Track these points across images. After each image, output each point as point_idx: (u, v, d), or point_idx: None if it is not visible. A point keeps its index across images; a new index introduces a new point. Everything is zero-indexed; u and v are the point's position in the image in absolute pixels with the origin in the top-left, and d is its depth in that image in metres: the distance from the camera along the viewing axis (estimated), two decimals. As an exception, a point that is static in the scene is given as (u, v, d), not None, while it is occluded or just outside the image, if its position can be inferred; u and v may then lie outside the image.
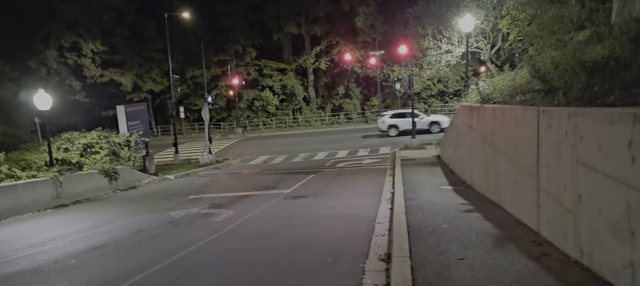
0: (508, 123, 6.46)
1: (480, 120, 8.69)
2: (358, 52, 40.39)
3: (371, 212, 8.09)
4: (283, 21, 40.14)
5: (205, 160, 23.22)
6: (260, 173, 18.52)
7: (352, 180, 13.79)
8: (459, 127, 11.89)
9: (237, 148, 31.98)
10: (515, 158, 6.07)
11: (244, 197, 11.46)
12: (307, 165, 20.33)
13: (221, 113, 44.84)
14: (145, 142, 17.92)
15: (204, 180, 16.59)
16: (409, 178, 12.03)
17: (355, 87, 43.64)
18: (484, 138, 8.36)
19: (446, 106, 40.71)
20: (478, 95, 9.61)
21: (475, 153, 9.36)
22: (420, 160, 17.10)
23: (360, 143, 26.99)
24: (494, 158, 7.44)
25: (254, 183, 14.82)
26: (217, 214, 8.94)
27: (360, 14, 37.17)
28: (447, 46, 18.35)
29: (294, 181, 14.37)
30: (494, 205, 7.29)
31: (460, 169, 11.63)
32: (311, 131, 39.37)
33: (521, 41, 13.37)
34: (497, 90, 8.89)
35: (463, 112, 11.11)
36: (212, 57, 41.50)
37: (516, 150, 6.03)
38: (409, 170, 14.06)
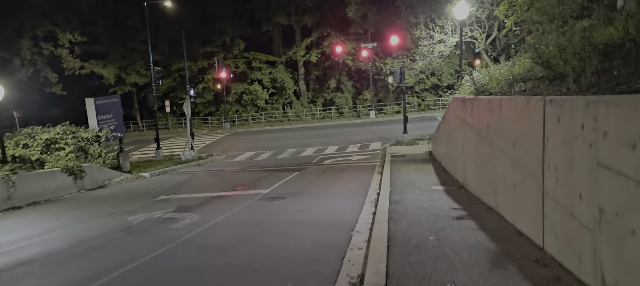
0: (506, 117, 5.58)
1: (475, 113, 7.81)
2: (350, 44, 39.40)
3: (351, 217, 7.20)
4: (272, 11, 38.97)
5: (186, 156, 22.22)
6: (242, 170, 17.62)
7: (337, 178, 12.91)
8: (451, 121, 11.02)
9: (223, 143, 31.05)
10: (515, 157, 5.19)
11: (216, 198, 10.53)
12: (293, 161, 19.50)
13: (209, 107, 43.71)
14: (119, 137, 16.88)
15: (180, 178, 15.64)
16: (398, 177, 11.18)
17: (347, 81, 42.70)
18: (478, 134, 7.49)
19: (440, 100, 39.92)
20: (472, 86, 8.73)
21: (468, 150, 8.49)
22: (411, 157, 16.30)
23: (351, 138, 26.16)
24: (490, 156, 6.57)
25: (233, 181, 13.91)
26: (180, 219, 8.00)
27: (351, 4, 36.12)
28: (440, 35, 17.43)
29: (275, 179, 13.49)
30: (489, 210, 6.42)
31: (453, 167, 10.77)
32: (301, 126, 38.47)
33: (519, 28, 12.53)
34: (493, 80, 8.01)
35: (456, 104, 10.23)
36: (198, 49, 40.31)
37: (516, 148, 5.15)
38: (398, 168, 13.24)
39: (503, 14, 12.24)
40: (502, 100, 5.82)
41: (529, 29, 11.56)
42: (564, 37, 5.88)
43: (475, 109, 7.81)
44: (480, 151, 7.34)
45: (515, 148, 5.18)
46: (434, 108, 39.86)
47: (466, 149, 8.73)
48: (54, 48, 32.47)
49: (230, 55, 41.57)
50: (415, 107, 39.81)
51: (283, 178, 13.82)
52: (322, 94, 43.19)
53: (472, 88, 8.86)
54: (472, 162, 8.11)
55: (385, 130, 28.57)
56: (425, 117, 35.57)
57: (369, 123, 34.96)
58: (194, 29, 40.88)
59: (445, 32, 17.22)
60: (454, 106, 10.69)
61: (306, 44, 40.89)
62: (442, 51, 17.80)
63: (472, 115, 8.07)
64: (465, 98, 8.84)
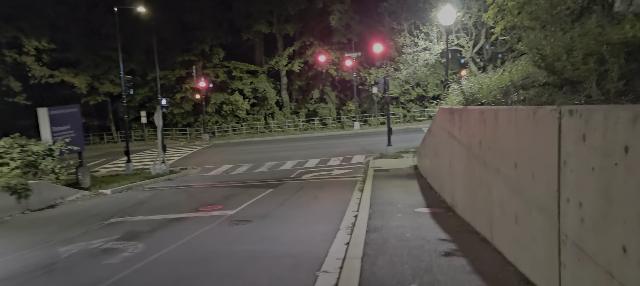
0: (504, 131, 4.59)
1: (464, 126, 6.84)
2: (333, 54, 38.60)
3: (321, 249, 6.11)
4: (253, 19, 37.96)
5: (157, 170, 20.86)
6: (213, 186, 16.42)
7: (314, 197, 11.82)
8: (437, 134, 10.07)
9: (200, 156, 29.75)
10: (517, 183, 4.19)
11: (174, 221, 9.33)
12: (270, 176, 18.38)
13: (187, 118, 42.27)
14: (79, 151, 15.50)
15: (144, 196, 14.35)
16: (379, 196, 10.16)
17: (331, 91, 41.83)
18: (468, 150, 6.51)
19: (426, 111, 39.30)
20: (461, 95, 7.79)
21: (457, 168, 7.50)
22: (395, 172, 15.35)
23: (333, 150, 25.15)
24: (483, 177, 5.57)
25: (200, 200, 12.70)
26: (119, 251, 6.80)
27: (334, 13, 35.38)
28: (425, 43, 16.60)
29: (246, 197, 12.35)
30: (483, 242, 5.41)
31: (440, 185, 9.79)
32: (283, 137, 37.40)
33: (508, 35, 11.74)
34: (484, 88, 7.05)
35: (442, 116, 9.29)
36: (176, 57, 38.98)
37: (518, 171, 4.15)
38: (381, 185, 12.25)
39: (492, 19, 11.44)
40: (498, 112, 4.83)
41: (519, 36, 10.71)
42: (568, 35, 4.96)
43: (464, 122, 6.84)
44: (471, 170, 6.35)
45: (517, 172, 4.18)
46: (419, 119, 39.21)
47: (454, 166, 7.75)
48: (18, 55, 30.71)
49: (210, 65, 40.35)
50: (401, 118, 39.11)
51: (255, 195, 12.70)
52: (305, 105, 42.20)
53: (461, 98, 7.92)
54: (462, 181, 7.12)
55: (369, 142, 27.73)
56: (411, 128, 34.86)
57: (352, 135, 34.07)
58: (172, 37, 39.62)
59: (431, 40, 16.40)
60: (440, 118, 9.75)
61: (288, 53, 39.95)
62: (427, 59, 16.97)
63: (461, 128, 7.11)
64: (453, 109, 7.90)
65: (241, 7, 37.60)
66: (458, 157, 7.40)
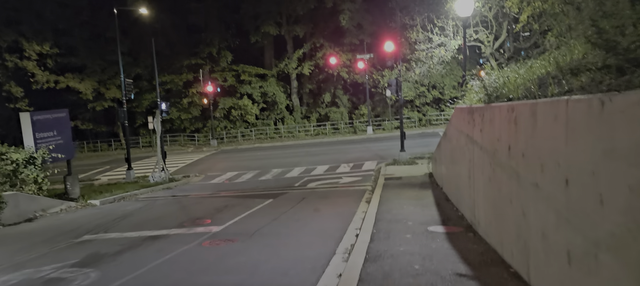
0: (546, 133, 3.32)
1: (487, 128, 5.56)
2: (344, 56, 37.38)
3: (306, 284, 4.88)
4: (261, 21, 37.03)
5: (155, 178, 19.96)
6: (211, 196, 15.40)
7: (315, 210, 10.62)
8: (454, 138, 8.77)
9: (206, 162, 28.87)
10: (570, 207, 2.91)
11: (149, 241, 8.24)
12: (274, 184, 17.30)
13: (195, 123, 41.56)
14: (67, 159, 14.64)
15: (134, 207, 13.38)
16: (387, 209, 8.90)
17: (343, 95, 40.60)
18: (492, 157, 5.22)
19: (442, 115, 37.72)
20: (482, 91, 6.49)
21: (478, 179, 6.21)
22: (407, 180, 14.05)
23: (344, 156, 23.94)
24: (514, 194, 4.29)
25: (191, 212, 11.65)
26: (65, 282, 5.70)
27: (344, 12, 34.18)
28: (440, 38, 15.23)
29: (241, 209, 11.26)
30: (516, 279, 4.12)
31: (457, 196, 8.48)
32: (293, 143, 36.31)
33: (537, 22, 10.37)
34: (510, 82, 5.74)
35: (459, 117, 7.99)
36: (183, 61, 38.32)
37: (572, 190, 2.87)
38: (390, 195, 10.98)
39: (516, 7, 10.08)
40: (537, 106, 3.55)
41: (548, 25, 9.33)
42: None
43: (487, 122, 5.56)
44: (497, 183, 5.06)
45: (570, 191, 2.90)
46: (435, 123, 37.67)
47: (475, 176, 6.46)
48: (19, 60, 30.36)
49: (218, 68, 39.60)
50: (416, 122, 37.63)
51: (251, 207, 11.60)
52: (317, 109, 41.05)
53: (482, 95, 6.61)
54: (485, 195, 5.82)
55: (382, 148, 26.46)
56: (427, 132, 33.41)
57: (365, 140, 32.79)
58: (179, 40, 39.04)
59: (446, 34, 15.03)
60: (456, 119, 8.44)
61: (298, 55, 38.90)
62: (442, 56, 15.58)
63: (483, 130, 5.82)
64: (473, 107, 6.61)
65: (248, 9, 36.74)
66: (479, 166, 6.10)
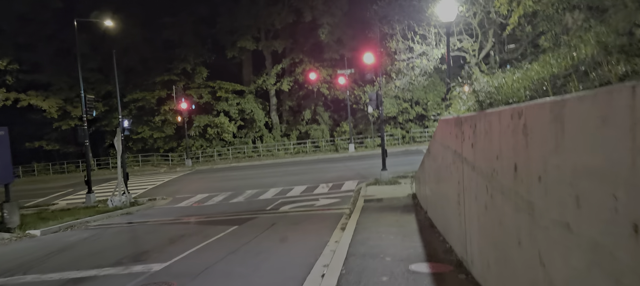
0: (584, 145, 2.10)
1: (480, 141, 4.37)
2: (325, 71, 36.45)
3: None
4: (238, 35, 35.92)
5: (114, 203, 18.32)
6: (171, 222, 13.96)
7: (282, 240, 9.29)
8: (439, 154, 7.58)
9: (177, 184, 27.26)
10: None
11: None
12: (244, 208, 15.94)
13: (169, 142, 39.86)
14: (5, 184, 13.00)
15: (77, 238, 11.82)
16: (363, 239, 7.64)
17: (324, 111, 39.55)
18: (490, 179, 4.01)
19: (426, 131, 36.92)
20: (472, 98, 5.35)
21: (470, 204, 5.00)
22: (389, 202, 12.87)
23: (323, 176, 22.71)
24: (524, 232, 3.07)
25: (138, 245, 10.22)
26: None
27: (324, 26, 33.34)
28: (422, 47, 14.25)
29: (197, 240, 9.88)
30: None
31: (444, 223, 7.27)
32: (272, 162, 34.96)
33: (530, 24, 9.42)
34: (507, 86, 4.59)
35: (445, 130, 6.82)
36: (156, 77, 36.83)
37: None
38: (368, 221, 9.76)
39: (505, 7, 9.10)
40: (566, 105, 2.34)
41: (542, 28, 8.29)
42: None
43: (480, 135, 4.37)
44: (496, 213, 3.84)
45: None
46: (419, 140, 36.81)
47: (466, 202, 5.25)
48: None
49: (193, 85, 38.20)
50: (399, 140, 36.71)
51: (211, 236, 10.23)
52: (297, 126, 39.85)
53: (472, 102, 5.46)
54: (480, 228, 4.60)
55: (364, 166, 25.33)
56: (410, 150, 32.46)
57: (347, 158, 31.62)
58: (153, 55, 37.60)
59: (428, 43, 14.05)
60: (441, 132, 7.27)
61: (277, 71, 37.81)
62: (424, 66, 14.57)
63: (475, 145, 4.63)
64: (461, 118, 5.43)
65: (225, 23, 35.62)
66: (471, 189, 4.90)
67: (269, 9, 34.53)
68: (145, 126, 38.50)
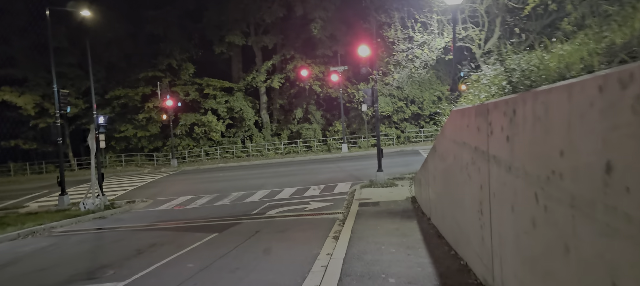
0: None
1: (523, 133, 3.20)
2: (317, 68, 35.26)
3: None
4: (226, 30, 34.56)
5: (87, 206, 16.98)
6: (145, 228, 12.75)
7: (264, 252, 8.11)
8: (449, 153, 6.42)
9: (160, 185, 25.93)
10: None
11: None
12: (229, 211, 14.78)
13: (154, 142, 38.39)
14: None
15: (34, 248, 10.57)
16: (360, 253, 6.50)
17: (316, 110, 38.35)
18: (543, 186, 2.84)
19: (422, 131, 35.90)
20: (499, 81, 4.19)
21: (502, 216, 3.84)
22: (386, 206, 11.77)
23: (315, 177, 21.59)
24: (623, 265, 1.89)
25: (99, 257, 8.99)
26: None
27: (316, 21, 32.14)
28: (423, 36, 13.08)
29: (169, 250, 8.72)
30: None
31: (455, 234, 6.14)
32: (261, 162, 33.74)
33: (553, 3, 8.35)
34: (556, 59, 3.42)
35: (460, 123, 5.66)
36: (139, 73, 35.36)
37: None
38: (365, 229, 8.64)
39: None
40: None
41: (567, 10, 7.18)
42: None
43: (524, 123, 3.20)
44: (557, 233, 2.67)
45: None
46: (415, 140, 35.78)
47: (494, 212, 4.10)
48: None
49: (179, 82, 36.80)
50: (394, 140, 35.65)
51: (185, 246, 9.05)
52: (288, 126, 38.61)
53: (497, 86, 4.29)
54: (521, 247, 3.44)
55: (357, 167, 24.32)
56: (406, 150, 31.45)
57: (339, 159, 30.52)
58: (136, 51, 36.12)
59: (431, 31, 12.88)
60: (454, 127, 6.10)
61: (267, 67, 36.53)
62: (426, 58, 13.39)
63: (513, 138, 3.46)
64: (487, 105, 4.27)
65: (212, 17, 34.25)
66: (505, 196, 3.74)
67: (259, 3, 33.29)
68: (129, 124, 37.02)
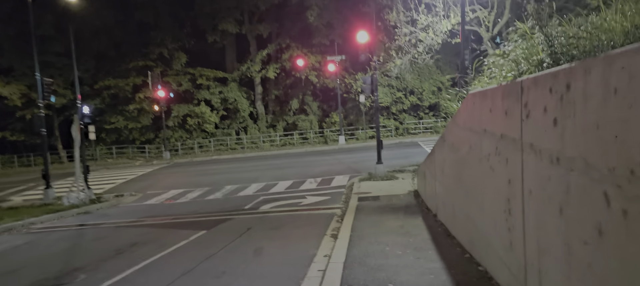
0: None
1: (586, 115, 2.43)
2: (313, 58, 34.36)
3: None
4: (219, 18, 33.56)
5: (71, 200, 16.16)
6: (129, 225, 12.00)
7: (255, 253, 7.37)
8: (464, 142, 5.65)
9: (151, 178, 25.13)
10: None
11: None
12: (220, 206, 14.03)
13: (146, 133, 37.49)
14: None
15: (4, 247, 9.77)
16: (362, 256, 5.77)
17: (312, 101, 37.51)
18: (617, 184, 2.08)
19: (421, 123, 35.17)
20: (535, 54, 3.44)
21: (542, 219, 3.09)
22: (387, 200, 11.07)
23: (311, 170, 20.85)
24: None
25: (72, 258, 8.23)
26: None
27: (312, 8, 31.20)
28: (427, 18, 12.27)
29: (151, 250, 7.98)
30: None
31: (471, 235, 5.41)
32: (256, 154, 32.98)
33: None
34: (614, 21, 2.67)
35: (479, 107, 4.88)
36: (130, 63, 34.37)
37: None
38: (366, 227, 7.93)
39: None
40: None
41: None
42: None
43: (585, 102, 2.44)
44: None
45: None
46: (414, 132, 35.07)
47: (531, 213, 3.35)
48: None
49: (171, 72, 35.81)
50: (393, 131, 34.93)
51: (168, 245, 8.32)
52: (283, 117, 37.78)
53: (540, 57, 3.53)
54: (577, 262, 2.69)
55: (355, 159, 23.62)
56: (405, 142, 30.76)
57: (337, 151, 29.80)
58: (126, 39, 35.07)
59: (436, 13, 12.05)
60: (471, 112, 5.33)
61: (262, 57, 35.59)
62: (430, 42, 12.58)
63: (569, 121, 2.70)
64: (523, 82, 3.49)
65: (204, 4, 33.21)
66: (548, 194, 2.99)
67: (253, -11, 32.38)
68: (120, 116, 36.08)
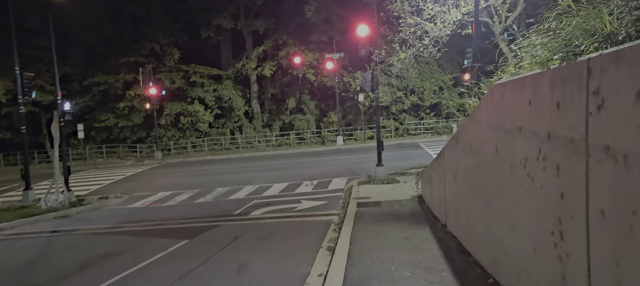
0: None
1: None
2: (311, 55, 33.40)
3: None
4: (213, 13, 32.54)
5: (49, 203, 15.16)
6: (107, 231, 11.07)
7: (239, 270, 6.43)
8: (485, 144, 4.68)
9: (140, 179, 24.13)
10: None
11: None
12: (209, 210, 13.12)
13: (138, 132, 36.42)
14: None
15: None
16: (363, 279, 4.82)
17: (310, 100, 36.55)
18: None
19: (422, 123, 34.25)
20: (601, 20, 2.50)
21: (633, 264, 2.11)
22: (389, 206, 10.15)
23: (307, 172, 19.97)
24: None
25: (29, 273, 7.25)
26: None
27: (310, 3, 30.24)
28: (434, 8, 11.28)
29: (121, 265, 7.02)
30: None
31: (493, 253, 4.47)
32: (251, 155, 32.02)
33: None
34: None
35: (510, 100, 3.92)
36: (120, 58, 33.32)
37: None
38: (367, 239, 7.02)
39: None
40: None
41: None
42: None
43: None
44: None
45: None
46: (414, 133, 34.16)
47: (618, 244, 2.39)
48: None
49: (165, 69, 34.77)
50: (392, 132, 34.00)
51: (142, 259, 7.38)
52: (280, 116, 36.79)
53: (615, 26, 2.58)
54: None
55: (354, 161, 22.76)
56: (405, 143, 29.87)
57: (334, 152, 28.91)
58: (117, 34, 34.04)
59: (444, 2, 11.06)
60: (497, 108, 4.36)
61: (258, 54, 34.59)
62: (438, 34, 11.61)
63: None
64: (593, 60, 2.51)
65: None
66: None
67: (249, -18, 31.40)
68: (110, 113, 35.02)
